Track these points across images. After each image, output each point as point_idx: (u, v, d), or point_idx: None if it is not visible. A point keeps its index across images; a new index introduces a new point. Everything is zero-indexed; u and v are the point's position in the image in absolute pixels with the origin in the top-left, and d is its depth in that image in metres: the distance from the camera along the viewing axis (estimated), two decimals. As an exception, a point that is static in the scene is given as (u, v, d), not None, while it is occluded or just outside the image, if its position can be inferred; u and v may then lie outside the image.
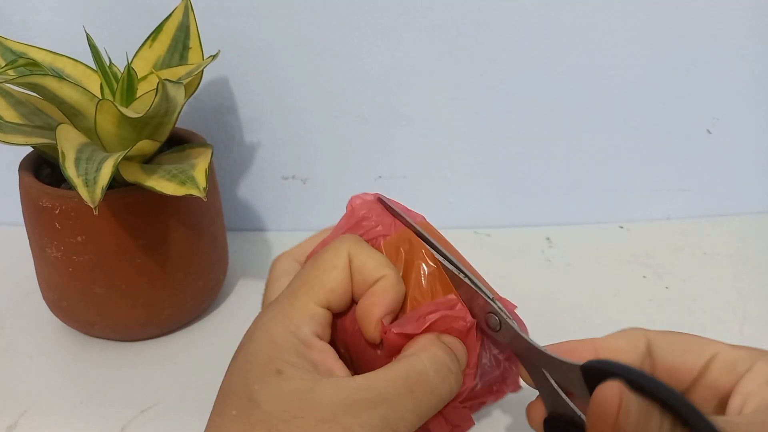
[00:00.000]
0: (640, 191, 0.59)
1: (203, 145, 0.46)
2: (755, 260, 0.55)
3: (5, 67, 0.38)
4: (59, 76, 0.40)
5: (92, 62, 0.42)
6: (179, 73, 0.43)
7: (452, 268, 0.31)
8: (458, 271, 0.31)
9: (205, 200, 0.38)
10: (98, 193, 0.35)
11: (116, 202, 0.41)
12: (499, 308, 0.30)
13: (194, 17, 0.45)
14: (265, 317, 0.29)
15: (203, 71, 0.43)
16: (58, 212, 0.41)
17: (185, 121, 0.52)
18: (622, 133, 0.57)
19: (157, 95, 0.37)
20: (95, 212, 0.36)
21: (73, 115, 0.41)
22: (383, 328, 0.29)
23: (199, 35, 0.45)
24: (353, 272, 0.30)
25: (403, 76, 0.54)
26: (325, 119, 0.56)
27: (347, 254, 0.30)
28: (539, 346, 0.29)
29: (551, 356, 0.28)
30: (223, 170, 0.58)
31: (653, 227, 0.60)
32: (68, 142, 0.39)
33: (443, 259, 0.31)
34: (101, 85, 0.43)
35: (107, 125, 0.40)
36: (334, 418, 0.25)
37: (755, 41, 0.53)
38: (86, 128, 0.41)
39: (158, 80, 0.36)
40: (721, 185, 0.59)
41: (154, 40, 0.45)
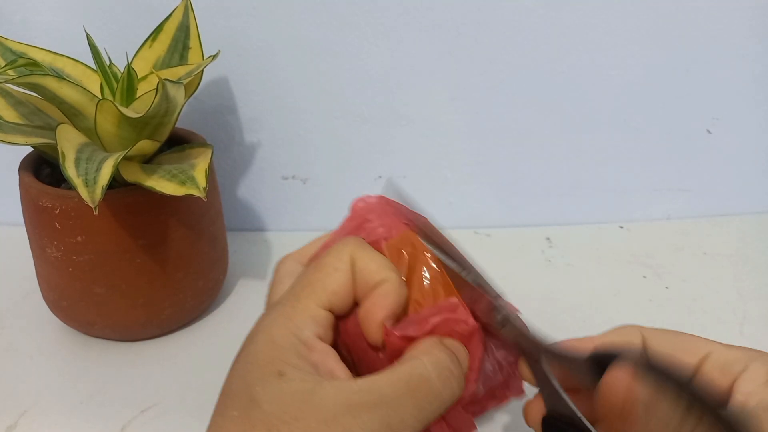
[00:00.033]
0: (640, 191, 0.59)
1: (203, 145, 0.46)
2: (755, 260, 0.55)
3: (5, 67, 0.38)
4: (59, 76, 0.40)
5: (92, 62, 0.42)
6: (179, 73, 0.43)
7: (456, 267, 0.31)
8: (462, 269, 0.31)
9: (205, 200, 0.38)
10: (98, 193, 0.35)
11: (116, 202, 0.41)
12: (503, 304, 0.30)
13: (194, 17, 0.45)
14: (267, 319, 0.29)
15: (203, 71, 0.43)
16: (58, 212, 0.40)
17: (185, 121, 0.52)
18: (622, 133, 0.57)
19: (157, 95, 0.37)
20: (95, 212, 0.36)
21: (73, 115, 0.41)
22: (385, 330, 0.29)
23: (199, 35, 0.45)
24: (356, 275, 0.30)
25: (403, 76, 0.54)
26: (325, 119, 0.56)
27: (350, 257, 0.30)
28: (544, 341, 0.29)
29: (557, 350, 0.28)
30: (223, 170, 0.58)
31: (653, 227, 0.60)
32: (68, 142, 0.39)
33: (447, 258, 0.31)
34: (101, 85, 0.43)
35: (107, 125, 0.40)
36: (334, 419, 0.25)
37: (755, 41, 0.53)
38: (86, 128, 0.41)
39: (158, 80, 0.36)
40: (721, 185, 0.59)
41: (154, 40, 0.45)
